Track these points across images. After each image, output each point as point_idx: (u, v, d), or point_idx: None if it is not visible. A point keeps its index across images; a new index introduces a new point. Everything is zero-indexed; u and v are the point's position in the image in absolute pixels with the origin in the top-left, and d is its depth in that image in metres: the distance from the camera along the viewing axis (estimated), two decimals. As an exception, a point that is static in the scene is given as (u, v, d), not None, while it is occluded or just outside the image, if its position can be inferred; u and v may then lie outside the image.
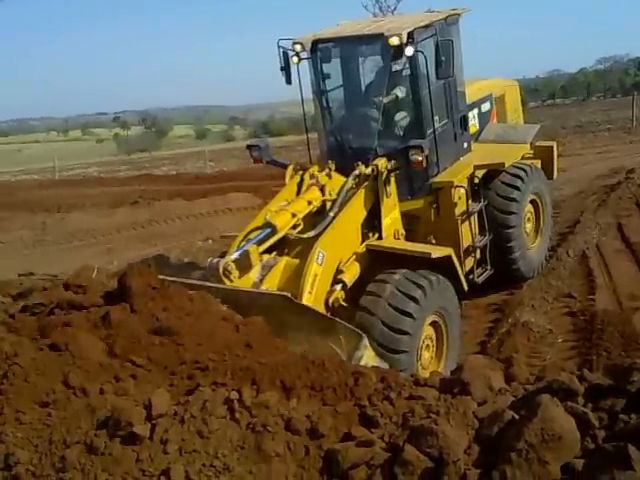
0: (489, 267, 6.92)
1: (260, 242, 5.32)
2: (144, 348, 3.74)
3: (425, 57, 6.26)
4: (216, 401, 2.99)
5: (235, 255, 5.15)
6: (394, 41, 5.95)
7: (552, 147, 8.46)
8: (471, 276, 6.63)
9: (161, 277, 4.25)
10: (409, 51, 6.04)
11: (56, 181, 23.56)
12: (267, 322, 4.07)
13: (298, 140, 44.59)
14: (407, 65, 6.43)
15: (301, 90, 6.81)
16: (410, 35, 6.03)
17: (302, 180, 6.10)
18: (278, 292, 4.88)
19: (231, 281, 4.89)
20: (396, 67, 6.49)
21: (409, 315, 5.14)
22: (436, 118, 6.58)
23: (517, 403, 2.41)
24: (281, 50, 6.61)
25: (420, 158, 5.94)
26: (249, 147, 6.88)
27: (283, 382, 3.19)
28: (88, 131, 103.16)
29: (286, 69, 6.70)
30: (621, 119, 23.93)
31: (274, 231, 5.38)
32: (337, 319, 4.52)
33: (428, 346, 5.52)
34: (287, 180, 6.23)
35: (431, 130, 6.51)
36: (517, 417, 2.32)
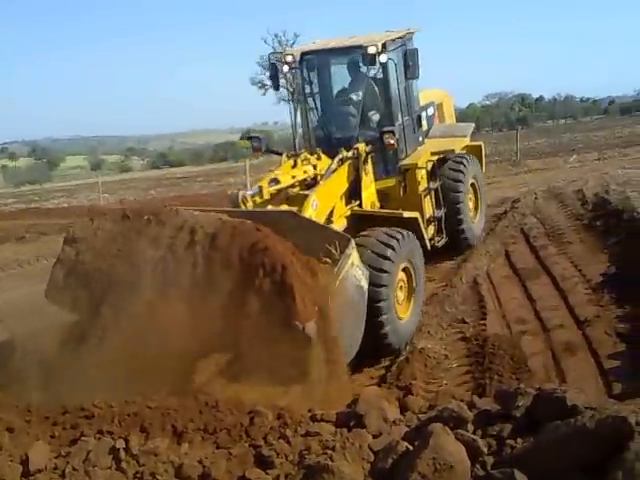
0: (445, 235, 8.62)
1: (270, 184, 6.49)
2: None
3: (395, 63, 7.99)
4: (100, 451, 2.81)
5: (251, 191, 6.40)
6: (371, 50, 7.34)
7: (481, 145, 10.66)
8: (432, 241, 8.25)
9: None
10: (383, 58, 7.51)
11: None
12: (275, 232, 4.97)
13: (198, 171, 44.14)
14: (380, 70, 7.99)
15: (292, 96, 8.75)
16: (384, 45, 7.53)
17: (295, 163, 7.14)
18: (287, 209, 6.04)
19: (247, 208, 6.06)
20: (372, 72, 8.05)
21: (387, 259, 6.29)
22: (401, 114, 8.25)
23: (410, 433, 2.41)
24: (271, 62, 8.34)
25: (392, 141, 7.46)
26: (250, 138, 8.51)
27: (174, 426, 3.05)
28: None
29: (274, 78, 8.45)
30: (507, 151, 25.45)
31: (278, 182, 6.53)
32: (333, 227, 6.23)
33: (401, 287, 6.75)
34: (283, 162, 7.23)
35: (399, 122, 8.15)
36: (411, 448, 2.32)
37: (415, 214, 7.49)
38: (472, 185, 9.66)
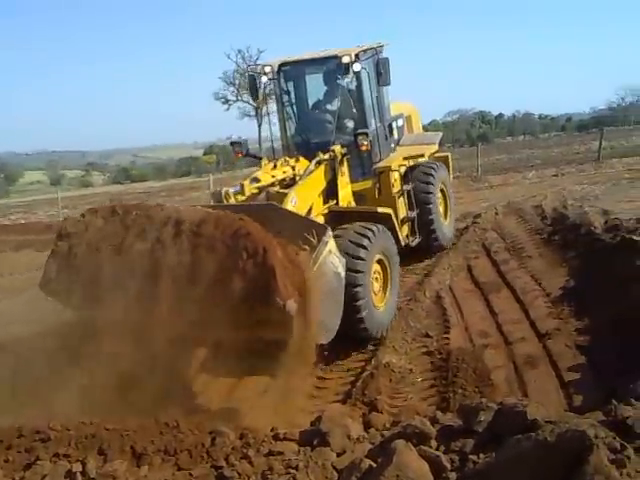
0: (418, 236, 9.21)
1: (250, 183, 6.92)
2: None
3: (367, 72, 8.57)
4: (57, 475, 2.73)
5: (233, 189, 6.78)
6: (345, 59, 7.91)
7: (448, 156, 11.43)
8: (407, 241, 8.91)
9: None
10: (357, 67, 8.02)
11: None
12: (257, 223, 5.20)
13: (161, 186, 43.66)
14: (354, 79, 8.48)
15: (257, 111, 10.49)
16: (357, 55, 8.08)
17: (275, 166, 7.53)
18: (267, 202, 6.60)
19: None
20: (346, 80, 8.50)
21: (363, 247, 6.73)
22: (374, 120, 8.85)
23: (374, 451, 2.39)
24: (249, 74, 9.13)
25: (366, 142, 7.89)
26: (232, 144, 8.83)
27: (133, 448, 2.96)
28: None
29: (253, 89, 8.97)
30: (468, 167, 25.84)
31: (258, 181, 6.99)
32: (311, 218, 6.74)
33: (377, 278, 7.22)
34: (263, 165, 7.55)
35: (372, 127, 8.71)
36: (374, 465, 2.30)
37: (388, 210, 8.03)
38: (441, 190, 10.29)
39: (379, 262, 7.28)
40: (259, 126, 50.45)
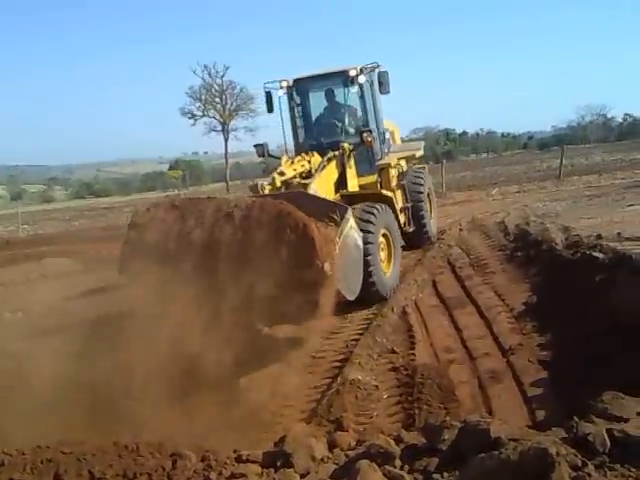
0: (412, 225, 11.03)
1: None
2: None
3: (369, 84, 10.33)
4: (9, 503, 2.57)
5: (266, 181, 8.29)
6: (352, 73, 9.86)
7: (425, 167, 13.38)
8: (404, 227, 10.64)
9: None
10: (361, 79, 9.93)
11: None
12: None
13: (125, 201, 43.05)
14: (358, 89, 10.23)
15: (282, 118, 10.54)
16: (361, 70, 9.93)
17: (293, 162, 9.04)
18: (297, 190, 8.13)
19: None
20: (352, 90, 10.25)
21: (371, 222, 8.39)
22: (374, 124, 10.55)
23: (338, 472, 2.36)
24: (265, 91, 10.47)
25: (370, 138, 9.56)
26: (255, 146, 10.43)
27: (91, 472, 2.86)
28: None
29: (269, 102, 10.58)
30: (433, 184, 26.18)
31: (284, 174, 8.42)
32: (333, 200, 8.33)
33: (383, 249, 9.01)
34: (283, 163, 9.06)
35: (374, 129, 10.31)
36: (339, 487, 2.27)
37: (390, 194, 10.04)
38: (427, 194, 12.30)
39: (384, 236, 9.03)
40: (226, 141, 50.30)
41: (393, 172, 10.80)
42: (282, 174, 8.41)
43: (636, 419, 2.34)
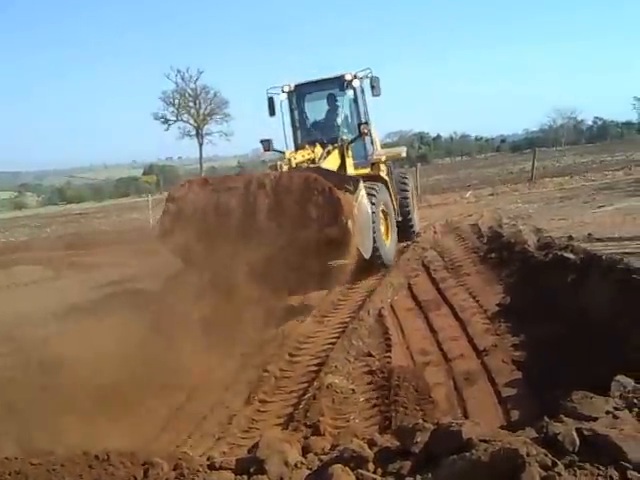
0: (400, 215, 12.12)
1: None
2: None
3: (362, 88, 11.79)
4: (-25, 518, 2.51)
5: (282, 162, 9.13)
6: (348, 77, 11.37)
7: (404, 170, 15.22)
8: (394, 215, 11.55)
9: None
10: (356, 83, 11.47)
11: None
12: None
13: (99, 207, 42.52)
14: (353, 93, 11.69)
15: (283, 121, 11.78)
16: (355, 75, 11.44)
17: (297, 153, 10.13)
18: (313, 167, 9.33)
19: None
20: (348, 93, 11.66)
21: (374, 196, 9.89)
22: (367, 122, 11.62)
23: (311, 477, 2.34)
24: (268, 96, 11.82)
25: (367, 130, 11.15)
26: (261, 141, 11.67)
27: (60, 484, 2.81)
28: None
29: (271, 107, 11.90)
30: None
31: (295, 158, 9.48)
32: (347, 174, 10.01)
33: (382, 222, 10.41)
34: (287, 155, 9.83)
35: (370, 123, 11.78)
36: (312, 492, 2.25)
37: (386, 178, 11.53)
38: (411, 192, 13.57)
39: (382, 212, 10.43)
40: (200, 145, 50.00)
41: (383, 167, 12.04)
42: (294, 158, 9.51)
43: (605, 418, 2.38)
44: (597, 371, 4.54)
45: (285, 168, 8.93)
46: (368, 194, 9.17)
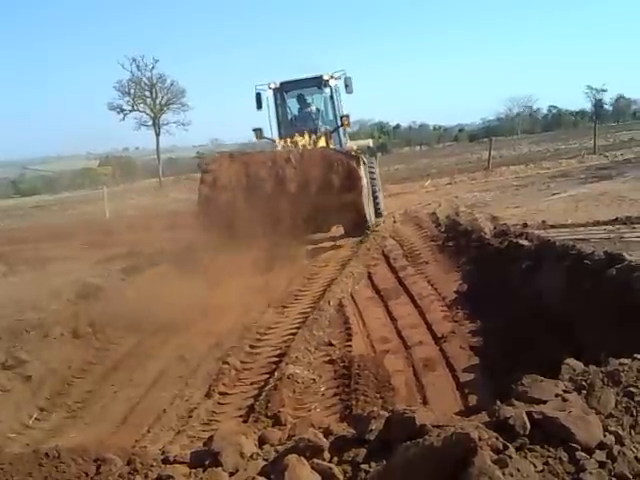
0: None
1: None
2: None
3: (338, 87, 13.93)
4: None
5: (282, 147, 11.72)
6: (326, 77, 13.40)
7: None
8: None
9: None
10: (333, 82, 13.52)
11: None
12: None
13: (53, 199, 41.46)
14: (330, 91, 13.84)
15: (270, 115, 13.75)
16: (332, 75, 13.39)
17: (285, 141, 12.29)
18: (320, 145, 12.25)
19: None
20: (325, 90, 13.78)
21: (373, 168, 12.90)
22: (342, 118, 13.63)
23: (267, 468, 2.34)
24: (256, 92, 13.64)
25: (347, 121, 13.66)
26: (254, 130, 13.20)
27: (9, 484, 2.74)
28: None
29: (258, 102, 13.57)
30: (368, 177, 26.44)
31: (288, 145, 11.67)
32: (351, 152, 11.16)
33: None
34: (278, 142, 12.49)
35: (348, 116, 13.84)
36: (267, 483, 2.24)
37: (362, 156, 12.31)
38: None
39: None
40: (157, 135, 49.12)
41: (358, 152, 13.36)
42: (286, 145, 11.70)
43: (554, 400, 2.43)
44: (551, 355, 4.65)
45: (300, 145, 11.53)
46: (369, 167, 11.82)
